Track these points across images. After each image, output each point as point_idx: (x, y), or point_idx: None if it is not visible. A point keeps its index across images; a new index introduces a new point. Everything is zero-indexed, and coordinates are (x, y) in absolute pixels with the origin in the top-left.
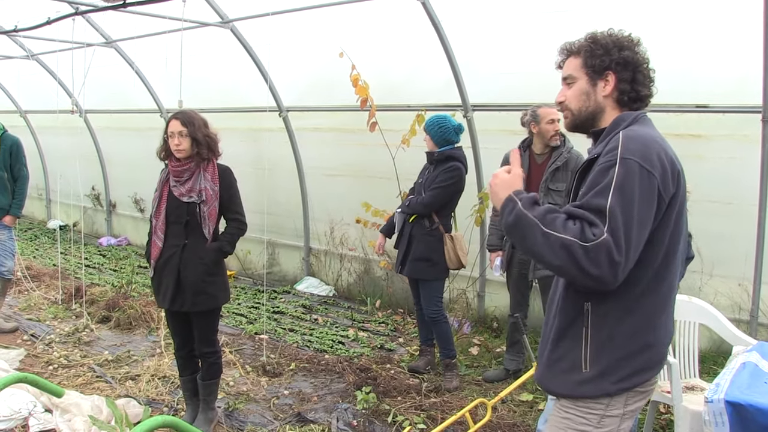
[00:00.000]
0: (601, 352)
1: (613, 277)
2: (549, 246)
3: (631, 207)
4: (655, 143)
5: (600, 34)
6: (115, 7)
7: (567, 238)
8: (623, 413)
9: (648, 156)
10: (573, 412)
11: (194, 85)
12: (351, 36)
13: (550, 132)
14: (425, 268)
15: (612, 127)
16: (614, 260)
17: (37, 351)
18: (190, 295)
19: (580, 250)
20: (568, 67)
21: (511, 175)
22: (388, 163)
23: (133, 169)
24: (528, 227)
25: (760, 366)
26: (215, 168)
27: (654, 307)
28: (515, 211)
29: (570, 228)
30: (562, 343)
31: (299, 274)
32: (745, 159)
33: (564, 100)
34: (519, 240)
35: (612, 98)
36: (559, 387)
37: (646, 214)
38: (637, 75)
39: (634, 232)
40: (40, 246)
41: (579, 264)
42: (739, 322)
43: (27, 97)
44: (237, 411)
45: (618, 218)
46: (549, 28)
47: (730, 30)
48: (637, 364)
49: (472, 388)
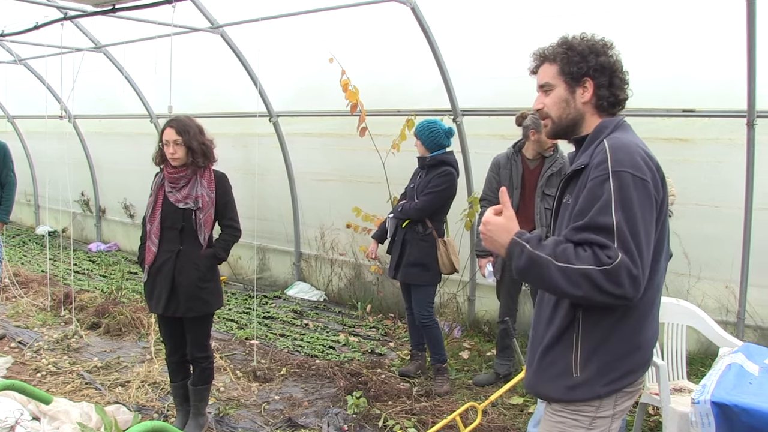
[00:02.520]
0: (592, 356)
1: (636, 291)
2: (568, 279)
3: (636, 219)
4: (639, 149)
5: (574, 39)
6: (104, 12)
7: (584, 267)
8: (614, 414)
9: (637, 164)
10: (565, 415)
11: (184, 90)
12: (341, 41)
13: (548, 143)
14: (419, 273)
15: (595, 134)
16: (633, 275)
17: (25, 358)
18: (183, 300)
19: (601, 275)
20: (545, 75)
21: (505, 217)
22: (379, 167)
23: (122, 174)
24: (543, 267)
25: (745, 367)
26: (212, 175)
27: (642, 311)
28: (525, 254)
29: (583, 257)
30: (554, 350)
31: (290, 279)
32: (732, 162)
33: (543, 108)
34: (536, 281)
35: (591, 104)
36: (551, 391)
37: (650, 221)
38: (614, 79)
39: (644, 243)
40: (29, 252)
41: (602, 289)
42: (726, 324)
43: (15, 102)
44: (228, 417)
45: (626, 233)
46: (538, 33)
47: (716, 35)
48: (626, 366)
49: (463, 392)
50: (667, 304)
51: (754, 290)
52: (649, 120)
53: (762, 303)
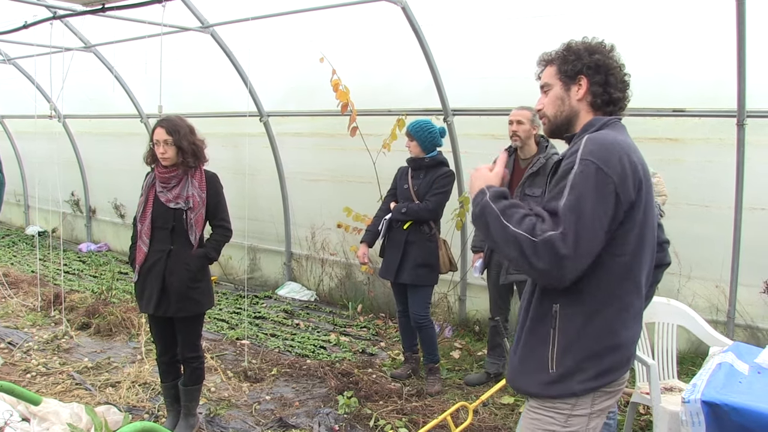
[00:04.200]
0: (568, 352)
1: (559, 272)
2: (505, 238)
3: (583, 205)
4: (619, 147)
5: (574, 42)
6: (94, 12)
7: (519, 232)
8: (591, 413)
9: (606, 158)
10: (541, 412)
11: (174, 90)
12: (331, 41)
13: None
14: (426, 273)
15: (581, 131)
16: (560, 255)
17: (14, 359)
18: (174, 300)
19: (529, 244)
20: (545, 76)
21: (493, 172)
22: (369, 167)
23: (113, 174)
24: (490, 217)
25: (735, 366)
26: (203, 175)
27: (620, 310)
28: (482, 202)
29: (524, 223)
30: (530, 343)
31: (281, 279)
32: (722, 162)
33: (542, 108)
34: (482, 229)
35: (586, 102)
36: (528, 386)
37: (601, 213)
38: (610, 78)
39: (587, 230)
40: (19, 252)
41: (527, 258)
42: (717, 324)
43: (4, 102)
44: (218, 417)
45: (569, 216)
46: (529, 33)
47: (706, 35)
48: (604, 365)
49: (454, 392)
50: (658, 304)
51: (744, 290)
52: (639, 120)
53: (752, 302)
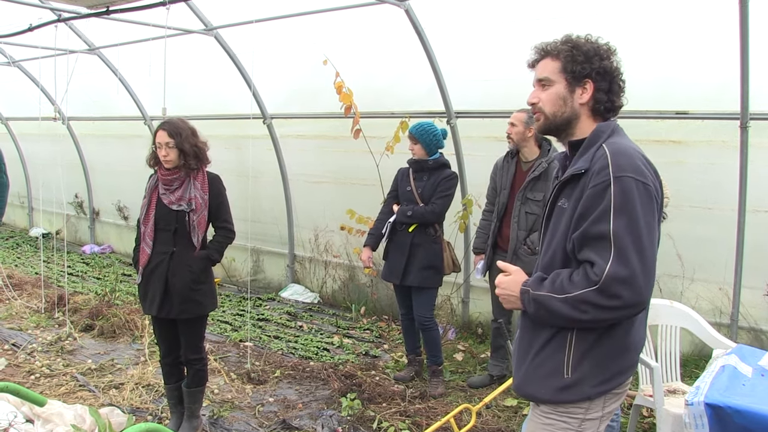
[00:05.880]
0: (585, 357)
1: (636, 295)
2: (574, 309)
3: (638, 222)
4: (638, 154)
5: (579, 39)
6: (98, 14)
7: (579, 292)
8: (602, 415)
9: (638, 168)
10: (554, 417)
11: (178, 92)
12: (335, 43)
13: (533, 147)
14: (433, 275)
15: (593, 139)
16: (627, 282)
17: (18, 361)
18: (177, 302)
19: (595, 294)
20: (545, 69)
21: (513, 273)
22: (372, 170)
23: (116, 176)
24: (548, 305)
25: (739, 368)
26: (205, 176)
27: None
28: (531, 298)
29: (576, 282)
30: (544, 351)
31: (284, 281)
32: (725, 165)
33: (537, 102)
34: (551, 320)
35: (588, 106)
36: (540, 392)
37: (652, 223)
38: (613, 85)
39: (646, 244)
40: (22, 254)
41: (603, 306)
42: (720, 326)
43: (8, 104)
44: (222, 419)
45: (623, 238)
46: (532, 35)
47: (709, 38)
48: (615, 368)
49: (457, 394)
50: (661, 306)
51: (748, 292)
52: (642, 122)
53: (755, 305)
